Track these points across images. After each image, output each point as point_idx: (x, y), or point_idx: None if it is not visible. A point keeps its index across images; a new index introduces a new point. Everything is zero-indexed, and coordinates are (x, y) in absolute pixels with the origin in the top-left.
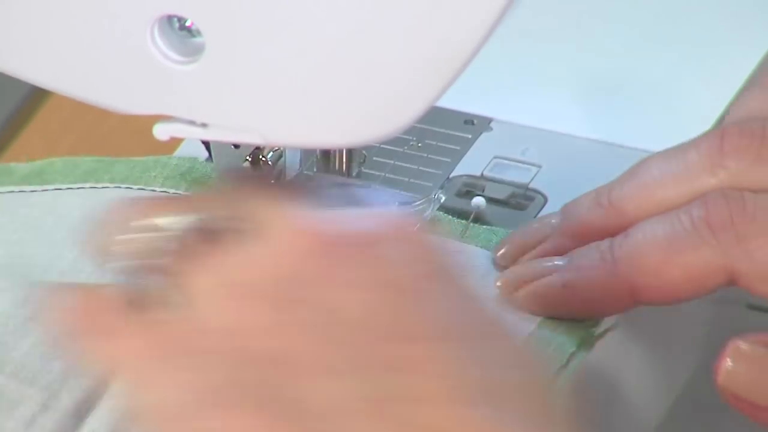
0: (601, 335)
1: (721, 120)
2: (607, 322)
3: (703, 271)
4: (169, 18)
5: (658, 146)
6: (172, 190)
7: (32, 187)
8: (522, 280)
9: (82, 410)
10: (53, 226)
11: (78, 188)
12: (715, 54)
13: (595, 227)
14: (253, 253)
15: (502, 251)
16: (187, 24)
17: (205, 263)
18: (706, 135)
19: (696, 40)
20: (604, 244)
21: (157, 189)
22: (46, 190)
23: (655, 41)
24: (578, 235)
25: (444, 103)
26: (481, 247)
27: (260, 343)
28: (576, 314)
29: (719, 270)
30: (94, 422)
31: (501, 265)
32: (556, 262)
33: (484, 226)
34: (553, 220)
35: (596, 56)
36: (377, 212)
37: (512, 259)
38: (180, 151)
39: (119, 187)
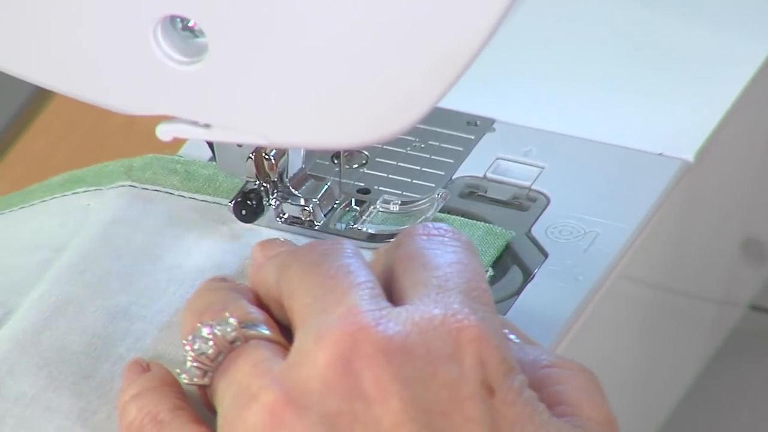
0: None
1: (722, 122)
2: None
3: None
4: (172, 18)
5: (659, 148)
6: (105, 187)
7: None
8: None
9: None
10: None
11: (19, 209)
12: (716, 56)
13: None
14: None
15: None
16: (190, 24)
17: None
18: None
19: (697, 43)
20: None
21: (90, 189)
22: None
23: (657, 43)
24: None
25: (447, 104)
26: None
27: None
28: None
29: None
30: None
31: None
32: None
33: (459, 217)
34: None
35: (599, 58)
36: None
37: None
38: (183, 152)
39: (54, 197)
